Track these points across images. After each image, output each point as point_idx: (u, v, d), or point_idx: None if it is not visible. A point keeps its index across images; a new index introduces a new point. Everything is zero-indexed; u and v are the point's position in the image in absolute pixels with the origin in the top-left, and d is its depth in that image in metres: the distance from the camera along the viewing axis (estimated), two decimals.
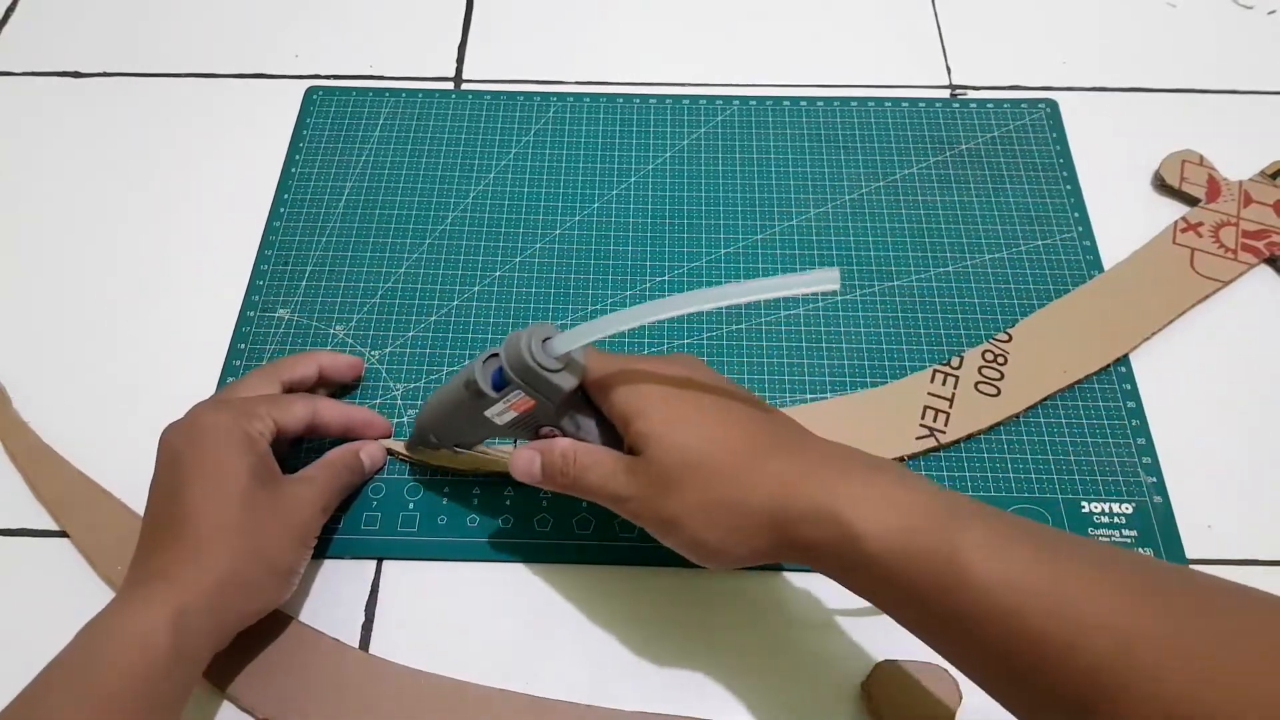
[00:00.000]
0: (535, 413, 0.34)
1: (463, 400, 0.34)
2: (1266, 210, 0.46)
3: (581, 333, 0.31)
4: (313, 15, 0.57)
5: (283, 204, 0.49)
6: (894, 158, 0.50)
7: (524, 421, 0.34)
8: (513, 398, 0.33)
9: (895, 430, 0.41)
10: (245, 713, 0.35)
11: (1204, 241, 0.46)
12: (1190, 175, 0.48)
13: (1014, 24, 0.56)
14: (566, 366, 0.32)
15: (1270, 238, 0.45)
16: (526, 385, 0.32)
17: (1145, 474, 0.40)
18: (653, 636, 0.37)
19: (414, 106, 0.53)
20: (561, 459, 0.33)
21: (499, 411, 0.34)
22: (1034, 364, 0.42)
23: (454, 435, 0.37)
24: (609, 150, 0.51)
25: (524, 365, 0.32)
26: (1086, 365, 0.42)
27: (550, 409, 0.33)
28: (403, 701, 0.35)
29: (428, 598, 0.38)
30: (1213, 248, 0.45)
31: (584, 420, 0.34)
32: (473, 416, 0.34)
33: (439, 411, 0.36)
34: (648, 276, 0.46)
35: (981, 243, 0.47)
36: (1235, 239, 0.45)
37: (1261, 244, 0.45)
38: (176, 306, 0.46)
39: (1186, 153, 0.49)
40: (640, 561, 0.39)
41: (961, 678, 0.35)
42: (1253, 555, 0.39)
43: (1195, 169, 0.48)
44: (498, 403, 0.33)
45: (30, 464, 0.41)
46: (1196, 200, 0.47)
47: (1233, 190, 0.47)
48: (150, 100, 0.53)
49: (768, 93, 0.53)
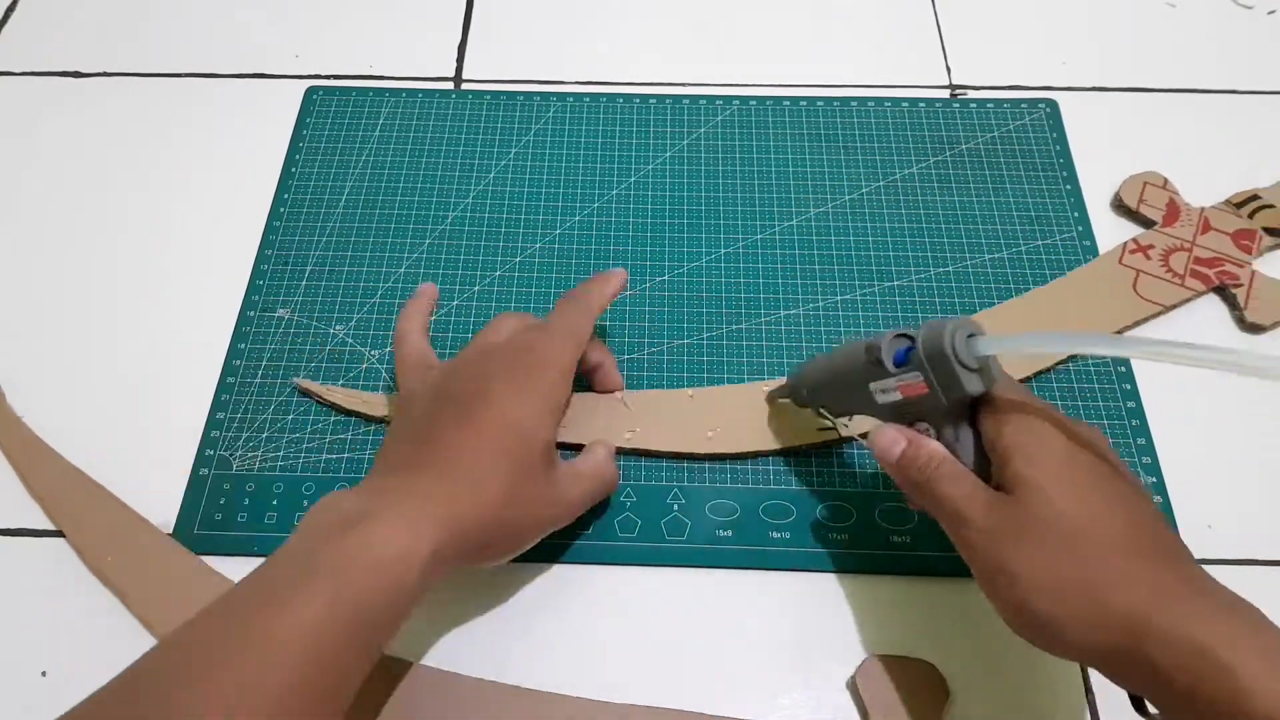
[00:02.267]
0: (921, 403, 0.32)
1: (856, 365, 0.33)
2: (1224, 239, 0.45)
3: (1010, 342, 0.30)
4: (313, 15, 0.57)
5: (283, 204, 0.49)
6: (894, 158, 0.50)
7: (903, 408, 0.33)
8: (908, 379, 0.32)
9: (801, 417, 0.41)
10: None
11: (1151, 264, 0.45)
12: (1150, 198, 0.47)
13: (1014, 24, 0.56)
14: (979, 370, 0.31)
15: (1223, 266, 0.45)
16: (932, 371, 0.31)
17: (1145, 474, 0.40)
18: (650, 635, 0.37)
19: (414, 106, 0.53)
20: (928, 458, 0.32)
21: (886, 388, 0.33)
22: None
23: (828, 395, 0.37)
24: (609, 150, 0.51)
25: (940, 351, 0.30)
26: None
27: (940, 406, 0.31)
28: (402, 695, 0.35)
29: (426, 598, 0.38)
30: (1160, 271, 0.45)
31: (963, 433, 0.32)
32: (856, 384, 0.34)
33: (825, 368, 0.36)
34: (648, 276, 0.46)
35: (981, 243, 0.47)
36: (1185, 264, 0.45)
37: (1212, 271, 0.44)
38: (176, 306, 0.46)
39: (1150, 175, 0.48)
40: (640, 561, 0.39)
41: (950, 672, 0.35)
42: (1253, 555, 0.39)
43: (1156, 192, 0.47)
44: (890, 378, 0.32)
45: (24, 459, 0.41)
46: (1153, 223, 0.46)
47: (1192, 216, 0.46)
48: (150, 100, 0.53)
49: (768, 93, 0.53)
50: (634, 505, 0.40)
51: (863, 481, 0.40)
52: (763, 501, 0.40)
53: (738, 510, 0.40)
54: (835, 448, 0.41)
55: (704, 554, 0.39)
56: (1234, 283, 0.44)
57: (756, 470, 0.41)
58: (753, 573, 0.39)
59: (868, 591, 0.38)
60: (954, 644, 0.37)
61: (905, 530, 0.39)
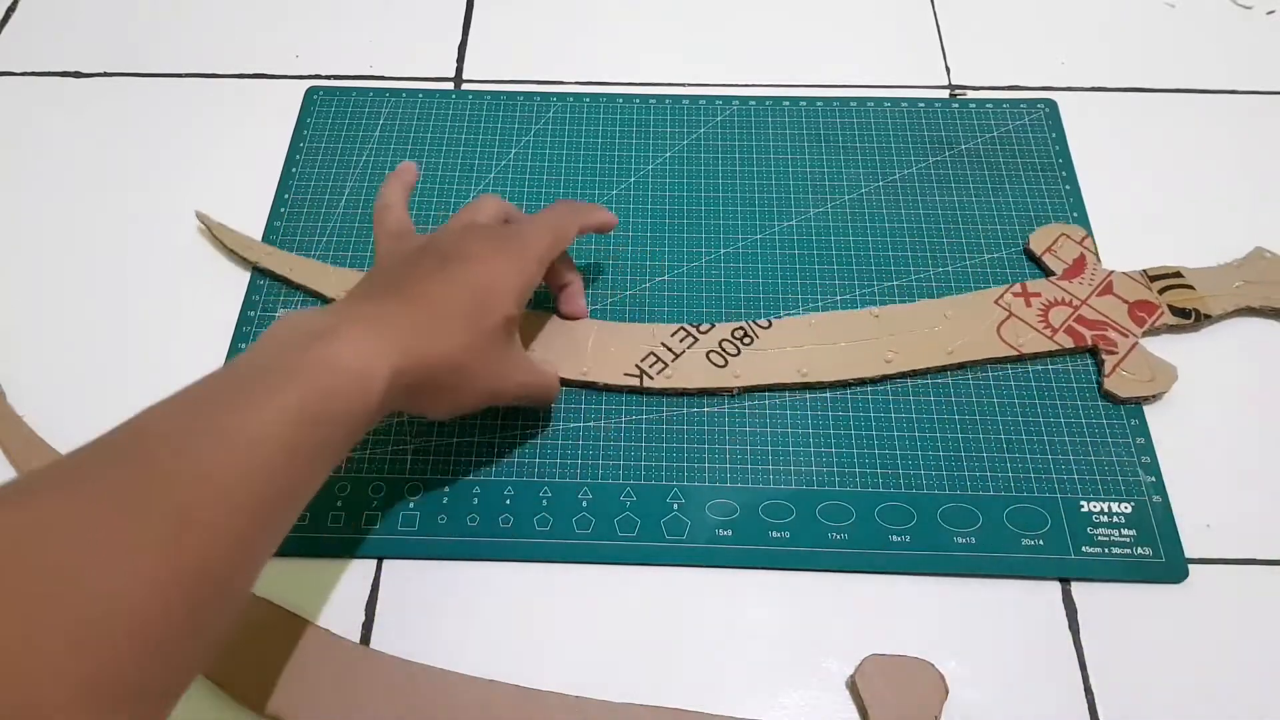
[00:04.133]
0: None
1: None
2: (1121, 306, 0.44)
3: None
4: (313, 15, 0.57)
5: (283, 204, 0.49)
6: (894, 158, 0.50)
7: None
8: None
9: (616, 362, 0.42)
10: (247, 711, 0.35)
11: (1028, 311, 0.44)
12: (1060, 249, 0.46)
13: (1013, 24, 0.56)
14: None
15: (1106, 331, 0.43)
16: None
17: (1144, 473, 0.41)
18: (650, 635, 0.37)
19: (414, 106, 0.53)
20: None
21: None
22: (773, 354, 0.43)
23: None
24: (609, 150, 0.51)
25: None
26: (826, 373, 0.42)
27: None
28: (402, 694, 0.35)
29: (428, 597, 0.38)
30: (1033, 319, 0.43)
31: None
32: None
33: None
34: (648, 277, 0.46)
35: (981, 243, 0.47)
36: (1064, 320, 0.43)
37: (1091, 333, 0.43)
38: (177, 305, 0.46)
39: (1070, 228, 0.47)
40: (640, 561, 0.39)
41: (948, 672, 0.35)
42: (1252, 555, 0.39)
43: (1070, 245, 0.46)
44: None
45: (24, 459, 0.41)
46: (1051, 273, 0.45)
47: (1097, 275, 0.45)
48: (150, 100, 0.53)
49: (768, 93, 0.53)
50: (634, 505, 0.40)
51: (863, 481, 0.40)
52: (762, 501, 0.40)
53: (738, 510, 0.40)
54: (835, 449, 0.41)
55: (704, 554, 0.39)
56: (1109, 349, 0.42)
57: (756, 470, 0.41)
58: (753, 572, 0.39)
59: (868, 591, 0.38)
60: (954, 644, 0.37)
61: (905, 530, 0.39)
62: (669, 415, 0.42)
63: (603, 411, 0.42)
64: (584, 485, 0.40)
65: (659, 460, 0.41)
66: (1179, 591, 0.38)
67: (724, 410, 0.42)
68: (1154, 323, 0.43)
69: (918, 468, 0.41)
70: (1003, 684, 0.36)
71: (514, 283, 0.36)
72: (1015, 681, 0.36)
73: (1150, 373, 0.42)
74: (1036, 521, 0.39)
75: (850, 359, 0.43)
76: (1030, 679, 0.36)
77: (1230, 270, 0.45)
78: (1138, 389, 0.42)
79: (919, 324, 0.44)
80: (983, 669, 0.36)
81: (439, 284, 0.34)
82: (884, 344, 0.43)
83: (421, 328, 0.33)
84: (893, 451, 0.41)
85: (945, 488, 0.40)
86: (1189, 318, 0.43)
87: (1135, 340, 0.43)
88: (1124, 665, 0.37)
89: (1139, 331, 0.43)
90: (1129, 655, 0.37)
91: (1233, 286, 0.44)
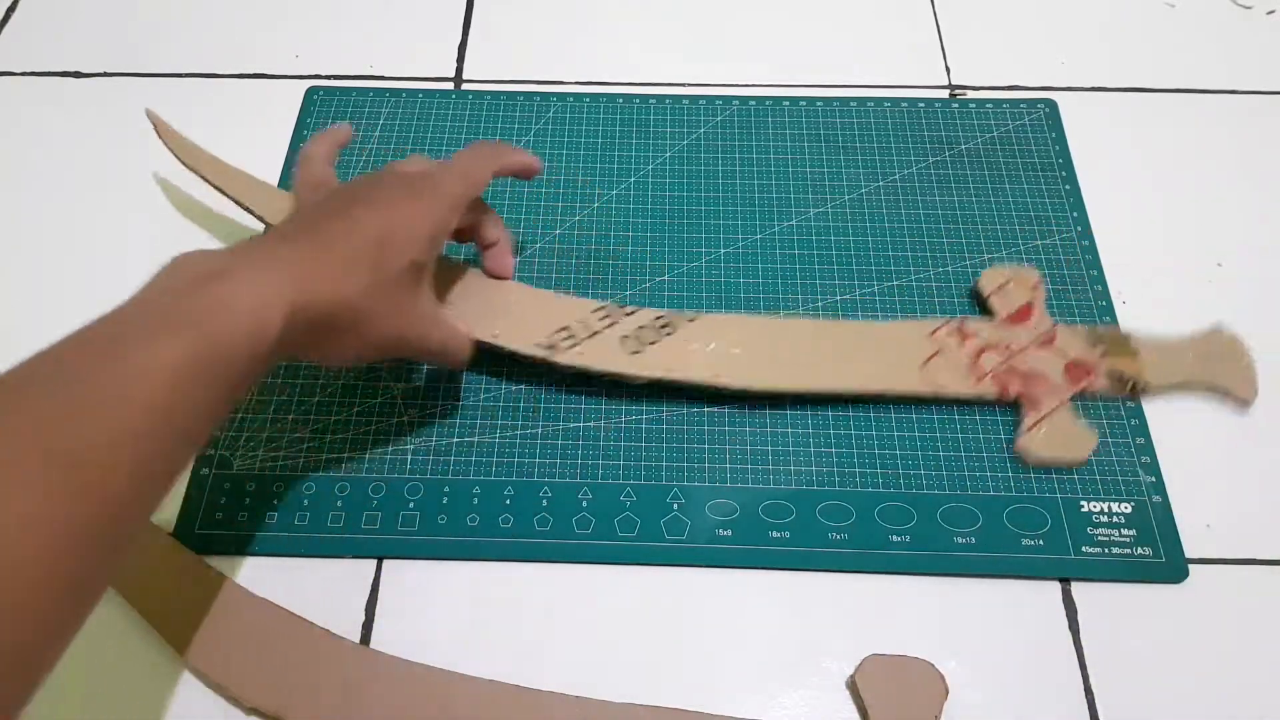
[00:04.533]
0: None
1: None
2: (1057, 362, 0.42)
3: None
4: (313, 15, 0.57)
5: None
6: (893, 158, 0.50)
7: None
8: None
9: (529, 329, 0.41)
10: (246, 710, 0.35)
11: (958, 351, 0.42)
12: (1010, 293, 0.44)
13: (1013, 24, 0.56)
14: None
15: (1033, 386, 0.41)
16: None
17: (1144, 473, 0.41)
18: (650, 635, 0.37)
19: (414, 106, 0.53)
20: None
21: None
22: (691, 349, 0.41)
23: None
24: (609, 150, 0.51)
25: None
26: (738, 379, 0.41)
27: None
28: (402, 693, 0.35)
29: (428, 597, 0.38)
30: (962, 360, 0.41)
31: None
32: None
33: None
34: (648, 277, 0.46)
35: (981, 243, 0.47)
36: (994, 365, 0.41)
37: (1018, 384, 0.41)
38: None
39: (1025, 272, 0.45)
40: (640, 561, 0.39)
41: (948, 672, 0.35)
42: (1252, 555, 0.39)
43: (1020, 290, 0.44)
44: None
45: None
46: (994, 315, 0.43)
47: (1041, 326, 0.43)
48: (150, 100, 0.53)
49: (768, 93, 0.53)
50: (634, 505, 0.40)
51: (863, 481, 0.40)
52: (762, 501, 0.40)
53: (737, 510, 0.40)
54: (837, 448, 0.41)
55: (704, 554, 0.39)
56: (1032, 405, 0.41)
57: (756, 470, 0.41)
58: (753, 572, 0.39)
59: (868, 591, 0.38)
60: (954, 644, 0.37)
61: (905, 530, 0.39)
62: (669, 415, 0.42)
63: (603, 411, 0.42)
64: (584, 485, 0.40)
65: (659, 460, 0.41)
66: (1179, 591, 0.38)
67: (724, 410, 0.42)
68: (1087, 385, 0.41)
69: (918, 468, 0.41)
70: (1003, 684, 0.36)
71: (422, 228, 0.35)
72: (1015, 681, 0.36)
73: (1067, 438, 0.40)
74: (1036, 521, 0.39)
75: (766, 370, 0.41)
76: (1030, 679, 0.36)
77: (1183, 345, 0.43)
78: (1053, 452, 0.40)
79: (847, 345, 0.42)
80: (983, 669, 0.36)
81: (342, 225, 0.34)
82: (804, 360, 0.41)
83: (321, 268, 0.32)
84: (893, 451, 0.41)
85: (945, 488, 0.40)
86: (1126, 386, 0.41)
87: (1063, 401, 0.41)
88: (1124, 665, 0.37)
89: (1069, 392, 0.41)
90: (1129, 655, 0.37)
91: (1181, 361, 0.42)
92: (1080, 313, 0.45)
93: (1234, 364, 0.42)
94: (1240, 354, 0.43)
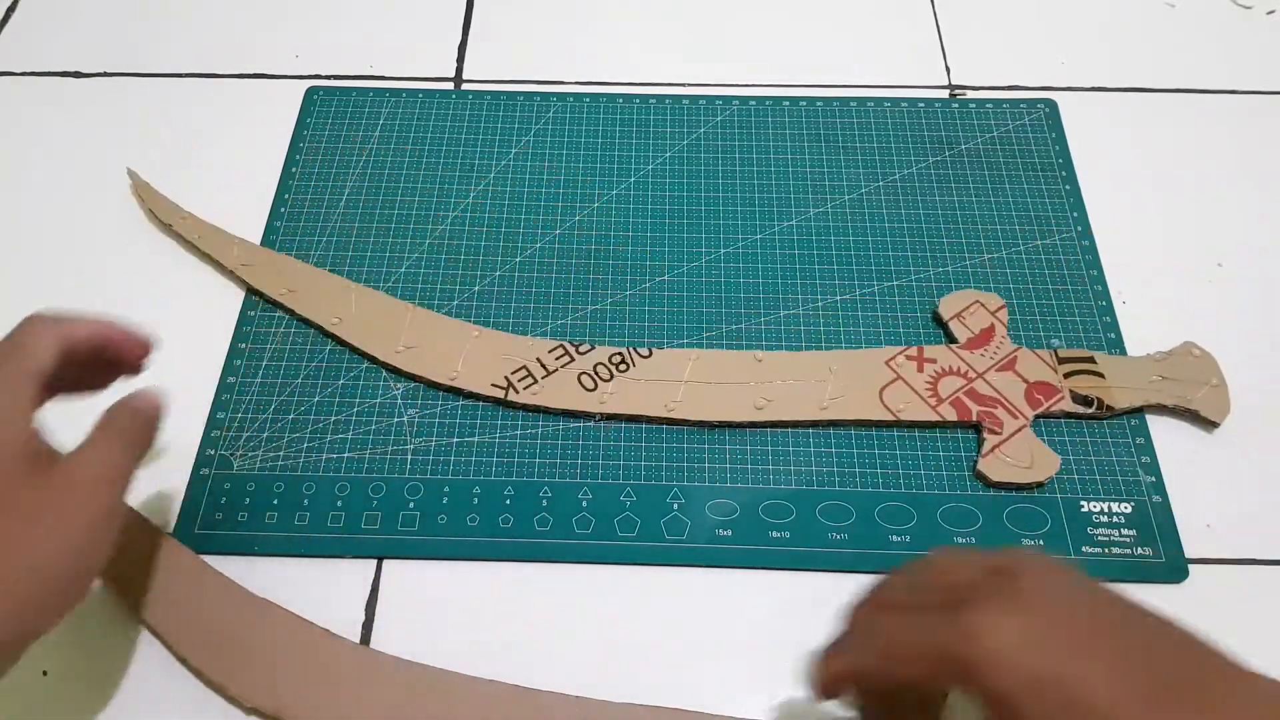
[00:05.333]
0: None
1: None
2: (1019, 385, 0.41)
3: None
4: (313, 15, 0.57)
5: (283, 204, 0.49)
6: (894, 158, 0.50)
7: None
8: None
9: (486, 371, 0.42)
10: (246, 710, 0.35)
11: (917, 377, 0.42)
12: (970, 317, 0.43)
13: (1013, 24, 0.56)
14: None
15: (995, 409, 0.41)
16: None
17: (1144, 473, 0.41)
18: (649, 635, 0.37)
19: (414, 106, 0.53)
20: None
21: None
22: (645, 385, 0.42)
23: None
24: (609, 150, 0.51)
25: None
26: (692, 412, 0.41)
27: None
28: (402, 693, 0.35)
29: (428, 597, 0.38)
30: (920, 386, 0.41)
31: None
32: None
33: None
34: (648, 277, 0.46)
35: (981, 243, 0.47)
36: (952, 391, 0.41)
37: (978, 408, 0.41)
38: (177, 305, 0.46)
39: (986, 297, 0.44)
40: (640, 561, 0.39)
41: None
42: (1252, 555, 0.39)
43: (981, 314, 0.43)
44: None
45: None
46: (955, 340, 0.43)
47: (1001, 350, 0.42)
48: (150, 100, 0.53)
49: (768, 93, 0.53)
50: (634, 505, 0.40)
51: (863, 481, 0.40)
52: (762, 501, 0.40)
53: (738, 510, 0.40)
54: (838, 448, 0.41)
55: (704, 554, 0.39)
56: (993, 428, 0.40)
57: (756, 470, 0.41)
58: (753, 572, 0.39)
59: None
60: None
61: (905, 530, 0.39)
62: None
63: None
64: (584, 485, 0.40)
65: (659, 460, 0.41)
66: (1179, 591, 0.38)
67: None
68: (1050, 406, 0.41)
69: (918, 468, 0.41)
70: None
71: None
72: None
73: (1030, 460, 0.40)
74: (1036, 521, 0.39)
75: (720, 401, 0.41)
76: None
77: (1148, 363, 0.42)
78: (1013, 475, 0.39)
79: (800, 374, 0.42)
80: None
81: None
82: (758, 390, 0.42)
83: None
84: (893, 451, 0.41)
85: (945, 488, 0.40)
86: (1090, 406, 0.41)
87: (1025, 423, 0.41)
88: None
89: (1031, 414, 0.41)
90: None
91: (1147, 380, 0.41)
92: (1080, 313, 0.45)
93: (1203, 383, 0.42)
94: (1211, 372, 0.42)
